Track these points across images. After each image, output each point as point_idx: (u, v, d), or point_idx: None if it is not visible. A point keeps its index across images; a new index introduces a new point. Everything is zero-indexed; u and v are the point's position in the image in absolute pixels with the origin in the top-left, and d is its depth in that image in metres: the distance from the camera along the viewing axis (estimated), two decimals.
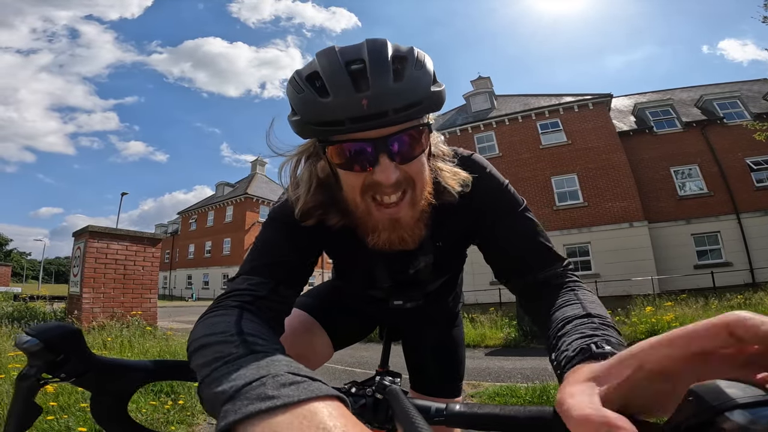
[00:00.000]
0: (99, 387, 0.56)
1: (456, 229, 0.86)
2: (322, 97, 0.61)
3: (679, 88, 21.14)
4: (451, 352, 1.22)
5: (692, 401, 0.30)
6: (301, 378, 0.38)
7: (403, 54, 0.64)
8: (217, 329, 0.52)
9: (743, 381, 0.30)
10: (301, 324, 1.06)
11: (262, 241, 0.80)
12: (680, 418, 0.31)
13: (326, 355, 1.11)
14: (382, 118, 0.60)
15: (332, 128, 0.62)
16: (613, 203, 16.40)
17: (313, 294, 1.19)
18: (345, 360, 6.03)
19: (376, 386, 0.59)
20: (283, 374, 0.39)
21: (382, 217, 0.71)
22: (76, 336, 0.53)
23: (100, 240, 6.72)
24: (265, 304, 0.67)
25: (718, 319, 0.32)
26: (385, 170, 0.64)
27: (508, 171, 17.72)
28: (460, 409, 0.53)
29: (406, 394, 0.53)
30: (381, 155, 0.64)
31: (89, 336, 5.64)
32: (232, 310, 0.60)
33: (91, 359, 0.54)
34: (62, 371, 0.52)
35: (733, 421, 0.27)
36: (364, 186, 0.68)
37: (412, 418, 0.42)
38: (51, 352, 0.51)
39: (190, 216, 42.97)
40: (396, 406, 0.48)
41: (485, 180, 0.82)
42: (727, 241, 15.57)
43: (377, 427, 0.58)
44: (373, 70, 0.61)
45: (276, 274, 0.73)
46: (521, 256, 0.79)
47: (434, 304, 1.09)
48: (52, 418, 2.62)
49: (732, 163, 16.10)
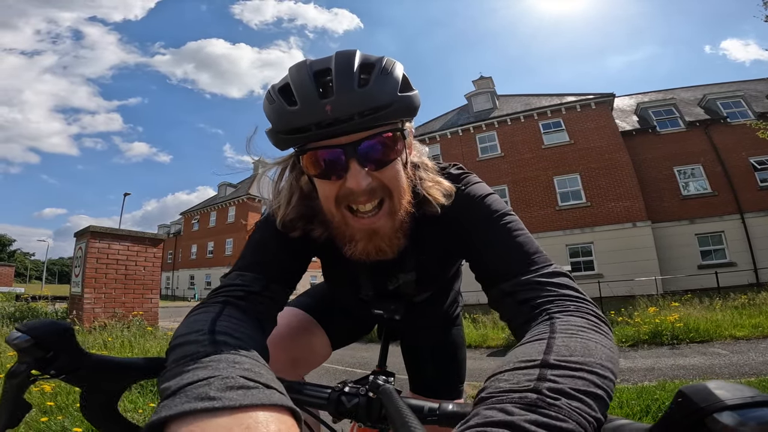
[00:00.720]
0: (90, 384, 0.55)
1: (438, 243, 0.84)
2: (291, 106, 0.63)
3: (681, 88, 21.07)
4: (450, 354, 1.20)
5: (681, 402, 0.30)
6: (253, 383, 0.37)
7: (370, 62, 0.65)
8: (193, 328, 0.52)
9: (732, 382, 0.30)
10: (300, 323, 1.06)
11: (257, 240, 0.81)
12: (669, 420, 0.31)
13: (324, 355, 1.11)
14: (347, 123, 0.61)
15: (300, 135, 0.63)
16: (616, 203, 16.33)
17: (312, 294, 1.19)
18: (345, 360, 6.02)
19: (370, 385, 0.58)
20: (233, 377, 0.38)
21: (359, 227, 0.71)
22: (67, 333, 0.53)
23: (101, 240, 6.75)
24: (257, 299, 0.68)
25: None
26: (355, 176, 0.64)
27: (511, 171, 17.76)
28: (453, 409, 0.52)
29: (399, 393, 0.53)
30: (351, 161, 0.64)
31: (90, 336, 5.66)
32: (215, 306, 0.61)
33: (82, 356, 0.54)
34: (52, 368, 0.51)
35: (722, 423, 0.27)
36: (339, 196, 0.68)
37: (404, 418, 0.42)
38: (41, 349, 0.50)
39: (192, 216, 43.09)
40: (389, 405, 0.48)
41: (465, 192, 0.79)
42: (731, 241, 15.48)
43: (370, 426, 0.58)
44: (338, 78, 0.62)
45: (268, 272, 0.74)
46: (490, 266, 0.71)
47: (424, 311, 1.06)
48: (46, 419, 2.61)
49: (736, 162, 16.01)
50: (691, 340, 6.08)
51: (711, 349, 5.56)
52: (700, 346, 5.83)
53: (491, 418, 0.35)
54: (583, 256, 16.53)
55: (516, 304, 0.63)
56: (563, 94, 19.60)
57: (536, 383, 0.39)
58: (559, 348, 0.45)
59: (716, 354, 5.24)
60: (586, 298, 0.61)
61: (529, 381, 0.40)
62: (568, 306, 0.58)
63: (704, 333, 6.21)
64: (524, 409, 0.36)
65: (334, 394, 0.59)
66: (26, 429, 2.55)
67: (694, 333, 6.21)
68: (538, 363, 0.43)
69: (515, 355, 0.47)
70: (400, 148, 0.68)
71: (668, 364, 4.87)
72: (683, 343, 6.04)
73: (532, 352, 0.46)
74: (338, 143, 0.63)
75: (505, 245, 0.70)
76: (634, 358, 5.44)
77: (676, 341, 6.11)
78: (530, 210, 17.10)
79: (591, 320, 0.55)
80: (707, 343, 5.96)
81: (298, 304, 1.13)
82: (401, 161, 0.70)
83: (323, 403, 0.59)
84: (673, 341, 6.13)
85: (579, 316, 0.55)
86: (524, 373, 0.42)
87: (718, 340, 6.07)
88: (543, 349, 0.45)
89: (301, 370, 1.04)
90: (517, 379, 0.41)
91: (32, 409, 0.55)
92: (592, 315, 0.57)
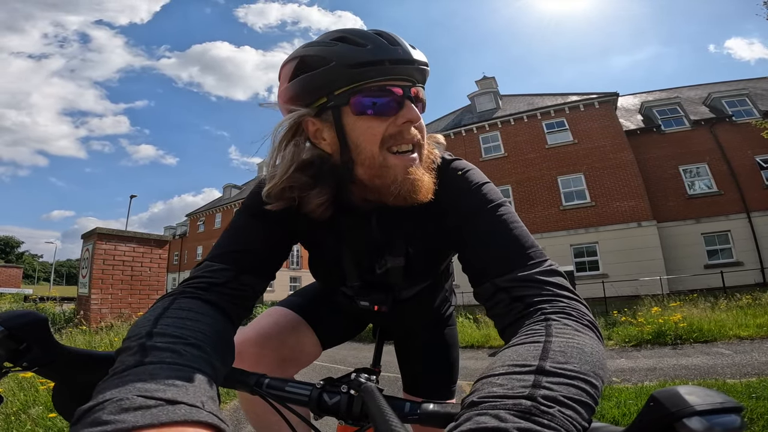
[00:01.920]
0: (64, 377, 0.55)
1: (427, 233, 0.84)
2: (359, 46, 0.70)
3: (686, 87, 20.91)
4: (442, 354, 1.19)
5: (653, 407, 0.30)
6: (154, 401, 0.35)
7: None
8: (132, 332, 0.51)
9: (704, 387, 0.31)
10: (289, 323, 1.06)
11: (231, 229, 0.80)
12: (641, 424, 0.31)
13: (314, 354, 1.11)
14: (412, 66, 0.71)
15: (372, 68, 0.69)
16: (621, 203, 16.23)
17: (301, 293, 1.19)
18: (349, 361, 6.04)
19: (351, 383, 0.59)
20: (130, 398, 0.35)
21: (400, 164, 0.72)
22: (42, 324, 0.52)
23: (108, 242, 6.83)
24: (221, 291, 0.68)
25: None
26: (411, 110, 0.72)
27: (514, 171, 17.67)
28: (434, 409, 0.52)
29: (381, 391, 0.53)
30: (406, 100, 0.72)
31: (97, 336, 5.73)
32: (166, 301, 0.61)
33: (56, 349, 0.53)
34: (24, 360, 0.51)
35: (690, 428, 0.28)
36: (385, 136, 0.72)
37: (385, 416, 0.42)
38: (14, 341, 0.50)
39: (198, 218, 43.21)
40: (370, 403, 0.48)
41: (457, 181, 0.79)
42: (738, 240, 15.34)
43: (351, 424, 0.58)
44: (395, 37, 0.72)
45: (239, 262, 0.73)
46: (484, 258, 0.69)
47: (415, 308, 1.06)
48: (54, 415, 2.67)
49: (742, 161, 15.87)
50: (695, 340, 6.04)
51: (714, 349, 5.53)
52: (703, 346, 5.80)
53: (484, 424, 0.35)
54: (588, 256, 16.43)
55: (510, 300, 0.62)
56: (566, 94, 19.50)
57: (531, 390, 0.39)
58: (555, 354, 0.45)
59: (719, 354, 5.22)
60: (580, 300, 0.60)
61: (524, 387, 0.39)
62: (563, 307, 0.57)
63: (708, 333, 6.16)
64: (517, 417, 0.35)
65: (316, 391, 0.59)
66: (33, 426, 2.62)
67: (697, 333, 6.16)
68: (533, 369, 0.42)
69: (509, 356, 0.47)
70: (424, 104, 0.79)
71: (670, 364, 4.86)
72: (687, 343, 6.00)
73: (527, 356, 0.45)
74: (397, 84, 0.72)
75: (502, 237, 0.69)
76: (637, 358, 5.43)
77: (680, 341, 6.09)
78: (534, 210, 17.04)
79: (584, 323, 0.55)
80: (711, 343, 5.92)
81: (287, 303, 1.13)
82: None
83: (304, 400, 0.59)
84: (676, 341, 6.10)
85: (574, 319, 0.55)
86: (519, 378, 0.41)
87: (722, 340, 6.02)
88: (539, 354, 0.45)
89: (291, 370, 1.05)
90: (512, 384, 0.40)
91: (3, 401, 0.54)
92: (586, 317, 0.56)
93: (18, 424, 2.63)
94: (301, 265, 32.71)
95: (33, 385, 3.21)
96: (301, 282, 34.09)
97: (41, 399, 3.00)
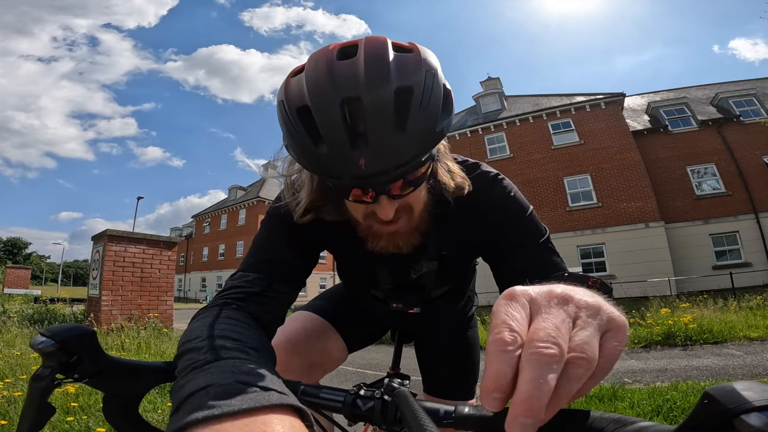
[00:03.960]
0: (111, 388, 0.56)
1: (461, 238, 0.85)
2: (317, 145, 0.57)
3: (693, 87, 20.75)
4: (463, 355, 1.18)
5: (707, 404, 0.30)
6: (250, 387, 0.37)
7: (406, 85, 0.55)
8: (192, 335, 0.52)
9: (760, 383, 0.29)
10: (316, 327, 1.06)
11: (260, 239, 0.82)
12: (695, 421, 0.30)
13: (341, 358, 1.11)
14: (383, 176, 0.57)
15: (331, 179, 0.61)
16: (628, 203, 16.15)
17: (326, 297, 1.19)
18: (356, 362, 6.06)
19: (385, 388, 0.58)
20: (230, 383, 0.37)
21: (383, 233, 0.73)
22: (91, 337, 0.54)
23: (118, 243, 6.87)
24: (259, 300, 0.69)
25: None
26: (384, 208, 0.65)
27: (520, 172, 17.63)
28: (469, 412, 0.51)
29: (415, 396, 0.53)
30: (381, 196, 0.63)
31: (108, 338, 5.78)
32: (213, 310, 0.62)
33: (104, 360, 0.55)
34: (76, 372, 0.52)
35: (749, 424, 0.27)
36: (366, 213, 0.70)
37: (420, 421, 0.41)
38: (65, 353, 0.51)
39: (203, 219, 43.46)
40: (404, 408, 0.47)
41: (490, 187, 0.80)
42: (746, 241, 15.22)
43: (385, 429, 0.58)
44: (371, 121, 0.54)
45: (272, 271, 0.75)
46: (520, 267, 0.74)
47: (440, 309, 1.07)
48: (72, 419, 2.69)
49: (750, 161, 15.73)
50: (705, 342, 6.00)
51: (725, 350, 5.49)
52: (713, 347, 5.76)
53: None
54: (595, 257, 16.37)
55: None
56: (572, 94, 19.44)
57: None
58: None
59: (730, 355, 5.18)
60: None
61: None
62: None
63: (718, 334, 6.12)
64: None
65: (350, 397, 0.59)
66: (51, 429, 2.65)
67: (707, 334, 6.12)
68: None
69: None
70: (427, 169, 0.67)
71: (681, 365, 4.83)
72: (697, 345, 5.96)
73: None
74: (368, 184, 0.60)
75: (537, 248, 0.75)
76: (647, 360, 5.40)
77: (690, 342, 6.05)
78: (540, 211, 16.92)
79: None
80: (721, 344, 5.88)
81: (313, 307, 1.13)
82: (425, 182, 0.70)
83: (338, 406, 0.59)
84: (686, 342, 6.06)
85: None
86: None
87: (732, 341, 5.98)
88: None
89: (318, 374, 1.05)
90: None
91: (56, 412, 0.55)
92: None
93: None
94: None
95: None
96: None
97: (58, 402, 3.03)
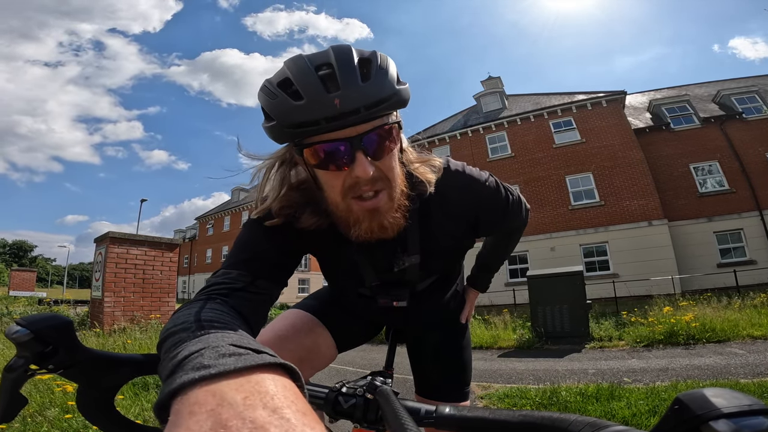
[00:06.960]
0: (87, 379, 0.55)
1: (439, 231, 0.91)
2: (296, 101, 0.64)
3: (695, 84, 20.67)
4: (454, 355, 1.19)
5: (678, 410, 0.30)
6: (243, 350, 0.38)
7: (367, 57, 0.68)
8: (178, 321, 0.52)
9: (730, 389, 0.30)
10: (305, 325, 1.07)
11: (242, 239, 0.83)
12: (666, 426, 0.31)
13: (330, 356, 1.11)
14: (355, 116, 0.64)
15: (308, 128, 0.65)
16: (631, 202, 16.07)
17: (316, 296, 1.20)
18: (357, 362, 6.06)
19: (367, 386, 0.59)
20: (224, 346, 0.39)
21: (363, 209, 0.74)
22: (67, 327, 0.52)
23: (120, 245, 6.92)
24: (241, 296, 0.70)
25: None
26: (361, 164, 0.67)
27: (522, 171, 17.60)
28: (450, 412, 0.52)
29: (397, 395, 0.54)
30: (357, 152, 0.67)
31: (111, 339, 5.81)
32: (197, 303, 0.62)
33: (80, 351, 0.53)
34: (51, 362, 0.51)
35: (717, 431, 0.27)
36: (345, 187, 0.72)
37: (401, 420, 0.42)
38: (40, 343, 0.50)
39: (207, 221, 43.56)
40: (385, 406, 0.49)
41: (460, 178, 0.90)
42: (751, 238, 15.10)
43: (367, 427, 0.58)
44: (342, 73, 0.64)
45: (254, 268, 0.76)
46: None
47: (426, 303, 1.09)
48: (71, 416, 2.71)
49: (753, 158, 15.62)
50: (708, 340, 5.96)
51: (728, 349, 5.46)
52: (716, 346, 5.72)
53: None
54: (598, 256, 16.28)
55: None
56: (573, 93, 19.38)
57: None
58: None
59: (733, 354, 5.15)
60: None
61: None
62: None
63: (721, 333, 6.08)
64: None
65: (332, 394, 0.59)
66: (49, 428, 2.66)
67: (710, 333, 6.08)
68: None
69: None
70: (397, 138, 0.73)
71: (683, 365, 4.81)
72: (699, 343, 5.93)
73: None
74: (344, 135, 0.66)
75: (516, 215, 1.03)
76: (648, 359, 5.38)
77: (692, 341, 6.02)
78: (543, 210, 16.93)
79: None
80: (724, 343, 5.84)
81: (302, 306, 1.14)
82: (397, 150, 0.75)
83: (320, 403, 0.60)
84: (689, 341, 6.03)
85: None
86: None
87: (735, 339, 5.95)
88: None
89: (306, 372, 1.04)
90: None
91: (28, 403, 0.53)
92: None
93: (35, 425, 2.68)
94: (310, 268, 32.77)
95: (49, 388, 3.26)
96: (309, 284, 34.19)
97: (57, 401, 3.05)
